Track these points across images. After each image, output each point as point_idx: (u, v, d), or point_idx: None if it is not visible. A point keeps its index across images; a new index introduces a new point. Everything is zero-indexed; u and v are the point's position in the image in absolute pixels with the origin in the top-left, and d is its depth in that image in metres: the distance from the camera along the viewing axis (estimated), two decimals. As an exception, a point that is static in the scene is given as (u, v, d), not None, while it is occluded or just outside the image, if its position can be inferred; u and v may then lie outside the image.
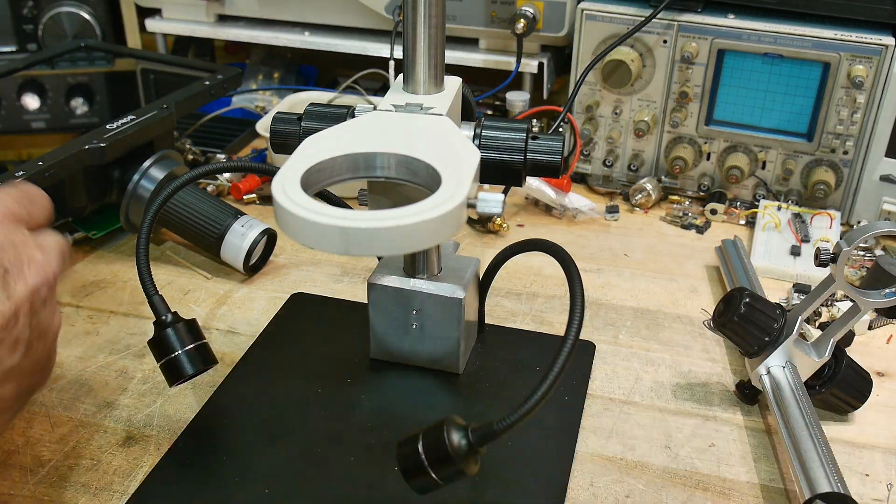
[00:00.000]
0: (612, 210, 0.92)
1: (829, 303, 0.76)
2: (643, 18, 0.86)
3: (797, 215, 0.88)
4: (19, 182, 0.57)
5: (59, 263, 0.51)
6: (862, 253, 0.84)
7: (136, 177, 0.79)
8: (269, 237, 0.81)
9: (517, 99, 1.01)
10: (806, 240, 0.85)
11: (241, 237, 0.78)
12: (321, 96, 1.04)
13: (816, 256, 0.61)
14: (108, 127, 0.76)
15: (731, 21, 0.86)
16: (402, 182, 0.54)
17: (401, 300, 0.64)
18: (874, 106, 0.85)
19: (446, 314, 0.64)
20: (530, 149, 0.59)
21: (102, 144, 0.74)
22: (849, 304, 0.64)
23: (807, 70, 0.86)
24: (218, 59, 1.26)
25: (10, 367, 0.48)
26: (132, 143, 0.78)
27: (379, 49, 1.06)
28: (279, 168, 0.51)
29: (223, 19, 1.12)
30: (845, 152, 0.88)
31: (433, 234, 0.47)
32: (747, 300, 0.62)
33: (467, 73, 0.78)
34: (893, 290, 0.61)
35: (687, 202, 0.95)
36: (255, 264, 0.80)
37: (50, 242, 0.51)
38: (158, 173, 0.80)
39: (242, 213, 0.80)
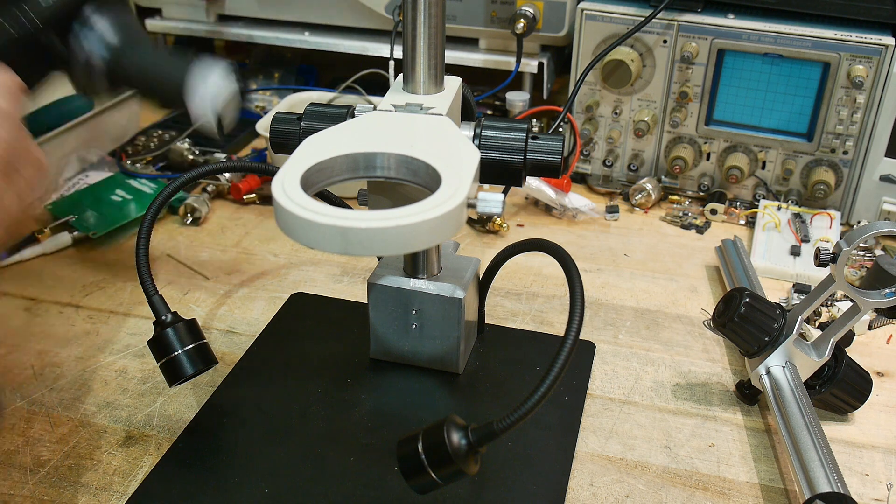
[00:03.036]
0: (612, 210, 0.92)
1: (829, 303, 0.76)
2: (643, 18, 0.86)
3: (797, 215, 0.88)
4: None
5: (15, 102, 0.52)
6: (862, 253, 0.84)
7: (75, 27, 0.65)
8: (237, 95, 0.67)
9: (517, 99, 1.01)
10: (806, 240, 0.85)
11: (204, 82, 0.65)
12: (321, 96, 1.04)
13: (816, 256, 0.61)
14: None
15: (731, 21, 0.86)
16: (402, 182, 0.54)
17: (401, 300, 0.64)
18: (874, 106, 0.85)
19: (446, 314, 0.64)
20: (530, 149, 0.59)
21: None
22: (849, 304, 0.64)
23: (807, 70, 0.86)
24: (218, 59, 1.26)
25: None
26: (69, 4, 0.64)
27: (379, 49, 1.06)
28: (279, 168, 0.51)
29: (223, 19, 1.12)
30: (845, 152, 0.88)
31: (433, 234, 0.47)
32: (747, 300, 0.62)
33: (467, 73, 0.78)
34: (893, 290, 0.61)
35: (687, 202, 0.95)
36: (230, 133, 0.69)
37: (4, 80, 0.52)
38: (104, 23, 0.66)
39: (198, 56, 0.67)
